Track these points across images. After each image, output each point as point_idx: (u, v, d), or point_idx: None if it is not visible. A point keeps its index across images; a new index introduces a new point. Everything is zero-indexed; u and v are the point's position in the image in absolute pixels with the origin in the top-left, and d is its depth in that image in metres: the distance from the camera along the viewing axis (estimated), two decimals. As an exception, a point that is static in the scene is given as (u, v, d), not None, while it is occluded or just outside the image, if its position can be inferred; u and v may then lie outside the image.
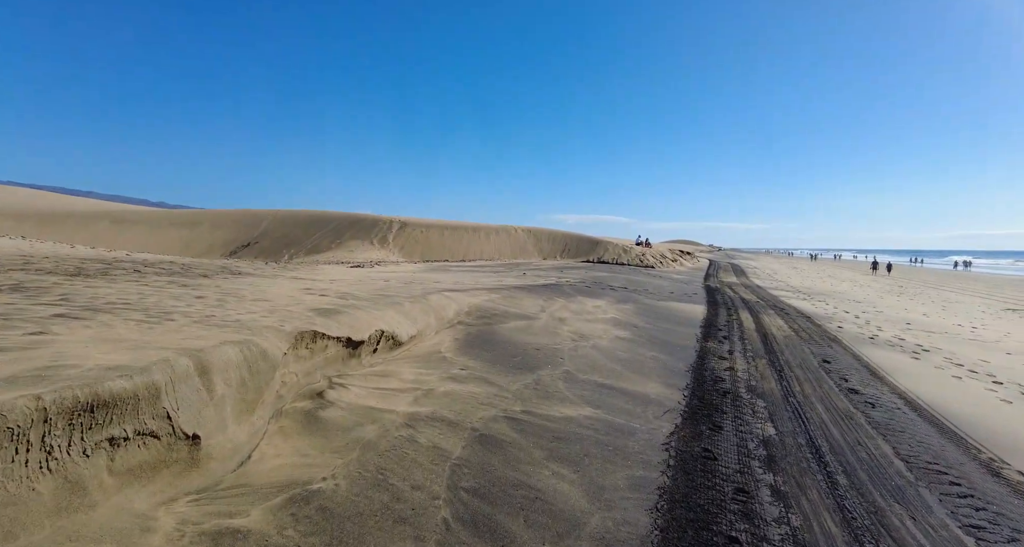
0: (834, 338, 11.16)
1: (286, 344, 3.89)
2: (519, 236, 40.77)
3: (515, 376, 5.70)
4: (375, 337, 5.35)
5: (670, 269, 32.74)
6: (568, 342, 7.72)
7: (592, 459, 3.89)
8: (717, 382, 6.77)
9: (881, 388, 7.29)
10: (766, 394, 6.47)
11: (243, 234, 43.12)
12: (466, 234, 40.02)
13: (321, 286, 8.46)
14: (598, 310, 10.92)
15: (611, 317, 10.38)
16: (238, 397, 3.08)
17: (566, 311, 10.19)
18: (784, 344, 9.95)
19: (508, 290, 11.32)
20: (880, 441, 5.11)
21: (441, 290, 9.62)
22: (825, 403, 6.30)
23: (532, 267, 25.00)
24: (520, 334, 7.70)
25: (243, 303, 5.23)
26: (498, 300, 9.80)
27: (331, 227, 41.40)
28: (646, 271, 28.28)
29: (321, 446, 3.39)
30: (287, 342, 3.91)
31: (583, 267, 26.83)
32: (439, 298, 8.55)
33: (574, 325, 9.04)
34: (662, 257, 35.13)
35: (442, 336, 7.02)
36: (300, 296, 6.53)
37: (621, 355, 7.48)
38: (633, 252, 34.06)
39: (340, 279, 11.41)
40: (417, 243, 38.61)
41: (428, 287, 10.27)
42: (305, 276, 11.47)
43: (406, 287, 9.86)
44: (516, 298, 10.41)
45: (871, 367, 8.62)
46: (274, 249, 40.63)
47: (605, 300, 12.31)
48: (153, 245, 41.19)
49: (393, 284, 10.57)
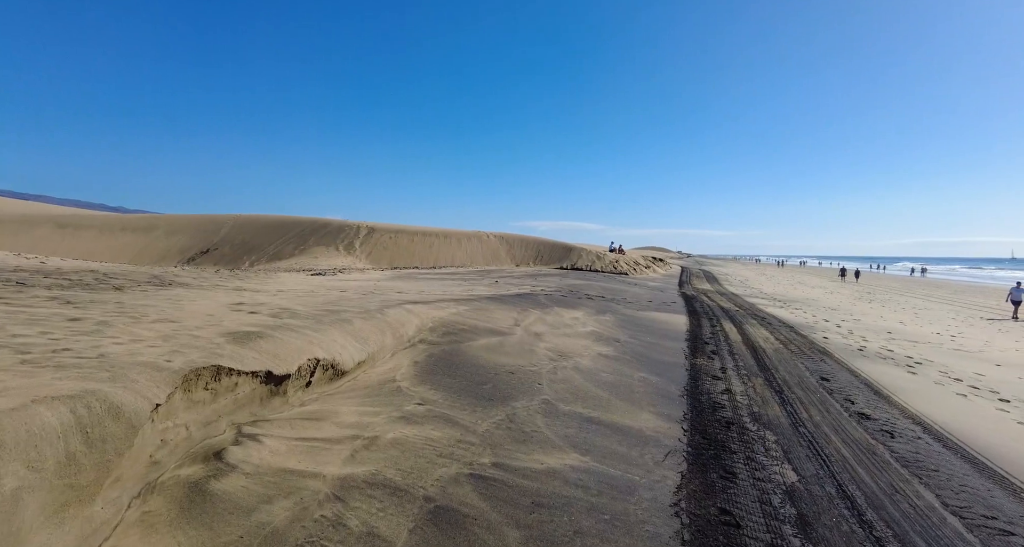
0: (824, 351, 10.49)
1: (167, 388, 2.80)
2: (491, 242, 39.77)
3: (484, 410, 4.70)
4: (308, 368, 4.27)
5: (644, 276, 32.22)
6: (546, 362, 6.75)
7: (586, 538, 2.91)
8: (716, 409, 5.89)
9: (891, 411, 6.54)
10: (773, 423, 5.62)
11: (202, 240, 40.96)
12: (437, 240, 38.82)
13: (260, 299, 7.29)
14: (577, 322, 9.99)
15: (591, 330, 9.46)
16: (58, 484, 2.01)
17: (542, 324, 9.23)
18: (776, 359, 9.20)
19: (479, 301, 10.31)
20: (918, 486, 4.29)
21: (403, 302, 8.54)
22: (840, 433, 5.49)
23: (505, 274, 24.02)
24: (491, 354, 6.70)
25: (135, 327, 4.09)
26: (467, 313, 8.78)
27: (295, 233, 39.66)
28: (620, 278, 27.62)
29: (200, 545, 2.32)
30: (169, 385, 2.83)
31: (557, 274, 25.99)
32: (399, 312, 7.48)
33: (552, 341, 8.08)
34: (635, 264, 34.62)
35: (399, 359, 5.96)
36: (222, 314, 5.38)
37: (606, 377, 6.54)
38: (607, 259, 33.44)
39: (291, 289, 10.21)
40: (386, 250, 37.21)
41: (389, 298, 9.18)
42: (251, 286, 10.23)
43: (363, 299, 8.74)
44: (487, 310, 9.41)
45: (872, 385, 7.91)
46: (234, 256, 38.66)
47: (583, 311, 11.41)
48: (102, 252, 38.73)
49: (350, 295, 9.44)
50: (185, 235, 41.16)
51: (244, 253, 38.79)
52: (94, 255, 38.09)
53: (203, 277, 11.85)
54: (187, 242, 40.64)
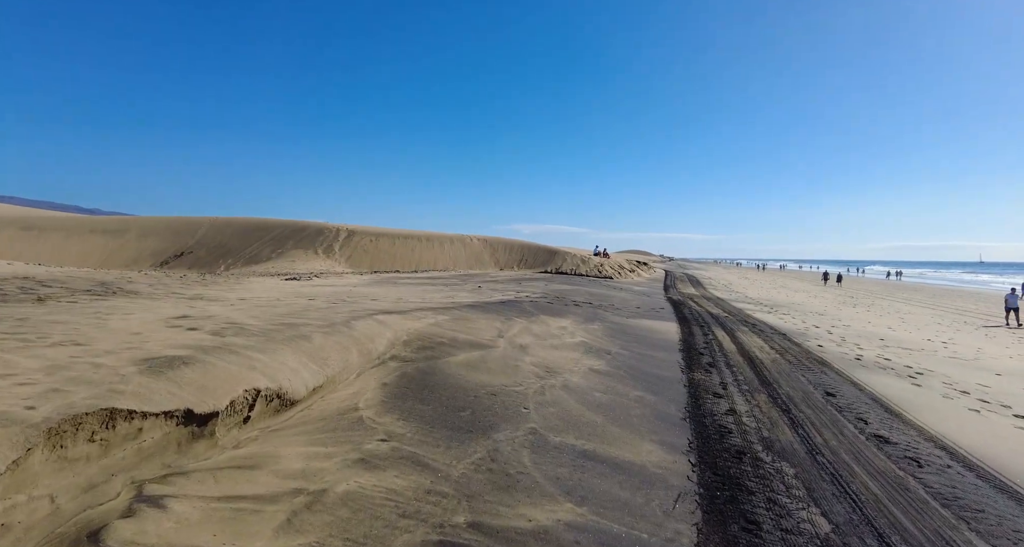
0: (822, 361, 9.94)
1: (15, 450, 2.03)
2: (475, 246, 39.00)
3: (462, 446, 3.96)
4: (246, 401, 3.49)
5: (628, 280, 31.73)
6: (533, 380, 6.03)
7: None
8: (724, 435, 5.23)
9: (908, 432, 5.95)
10: (787, 451, 4.97)
11: (176, 243, 39.50)
12: (419, 244, 37.92)
13: (211, 311, 6.46)
14: (564, 332, 9.30)
15: (580, 341, 8.77)
16: None
17: (528, 335, 8.51)
18: (775, 371, 8.60)
19: (460, 309, 9.55)
20: (968, 533, 3.66)
21: (375, 312, 7.76)
22: (862, 462, 4.86)
23: (488, 279, 23.27)
24: (471, 371, 5.96)
25: (20, 353, 3.28)
26: (446, 324, 8.03)
27: (272, 236, 38.43)
28: (605, 282, 27.06)
29: None
30: (18, 446, 2.05)
31: (542, 278, 25.32)
32: (369, 325, 6.70)
33: (538, 354, 7.36)
34: (620, 268, 34.14)
35: (366, 380, 5.19)
36: (152, 333, 4.56)
37: (600, 397, 5.84)
38: (591, 263, 32.90)
39: (255, 298, 9.35)
40: (366, 253, 36.21)
41: (360, 307, 8.39)
42: (213, 294, 9.35)
43: (331, 309, 7.93)
44: (469, 320, 8.66)
45: (880, 400, 7.34)
46: (209, 259, 37.32)
47: (571, 319, 10.71)
48: (70, 255, 37.12)
49: (318, 304, 8.63)
50: (158, 238, 39.66)
51: (220, 256, 37.47)
52: (61, 259, 36.43)
53: (162, 284, 10.91)
54: (161, 245, 39.16)
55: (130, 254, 38.03)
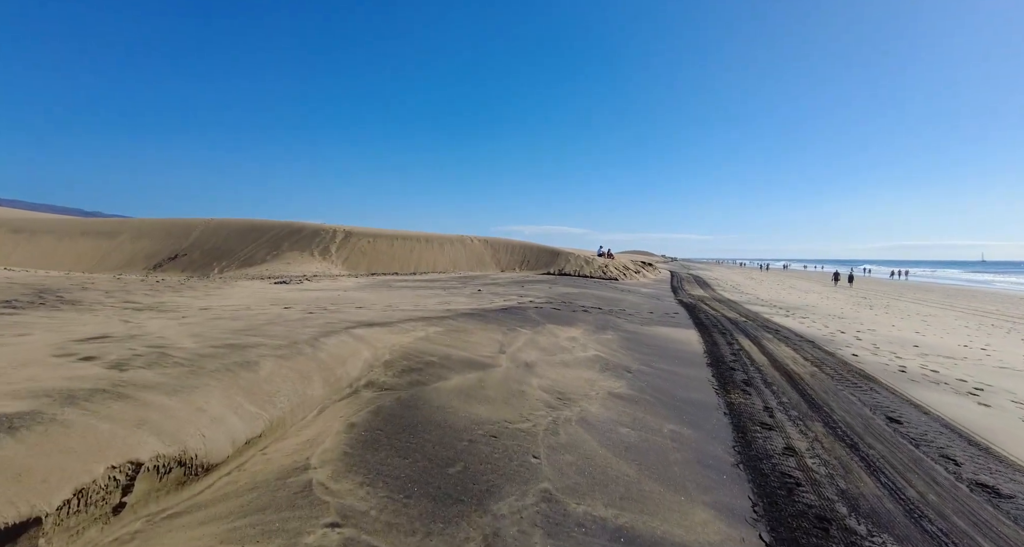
0: (864, 375, 8.71)
1: None
2: (476, 247, 37.80)
3: (447, 530, 2.76)
4: (112, 482, 2.28)
5: (634, 281, 30.50)
6: (543, 412, 4.81)
7: None
8: (792, 490, 4.00)
9: (1016, 477, 4.73)
10: (880, 514, 3.74)
11: (170, 245, 38.34)
12: (418, 245, 36.72)
13: (148, 328, 5.24)
14: (575, 344, 8.08)
15: (594, 355, 7.55)
16: None
17: (534, 349, 7.29)
18: (819, 389, 7.37)
19: (456, 318, 8.35)
20: None
21: (354, 325, 6.55)
22: (986, 532, 3.64)
23: (489, 281, 22.06)
24: (466, 402, 4.75)
25: None
26: (439, 337, 6.82)
27: (268, 237, 37.27)
28: (611, 284, 25.83)
29: None
30: None
31: (545, 281, 24.10)
32: (342, 342, 5.49)
33: (548, 374, 6.14)
34: (625, 269, 32.91)
35: (328, 419, 3.98)
36: (21, 367, 3.34)
37: (627, 435, 4.62)
38: (595, 264, 31.67)
39: (224, 306, 8.15)
40: (363, 255, 35.02)
41: (340, 318, 7.18)
42: (176, 303, 8.15)
43: (303, 320, 6.72)
44: (465, 331, 7.46)
45: (954, 427, 6.10)
46: (204, 262, 36.18)
47: (581, 328, 9.50)
48: (61, 258, 35.98)
49: (291, 314, 7.42)
50: (152, 240, 38.52)
51: (214, 259, 36.34)
52: (52, 262, 35.31)
53: (124, 291, 9.71)
54: (154, 247, 38.02)
55: (123, 257, 36.89)
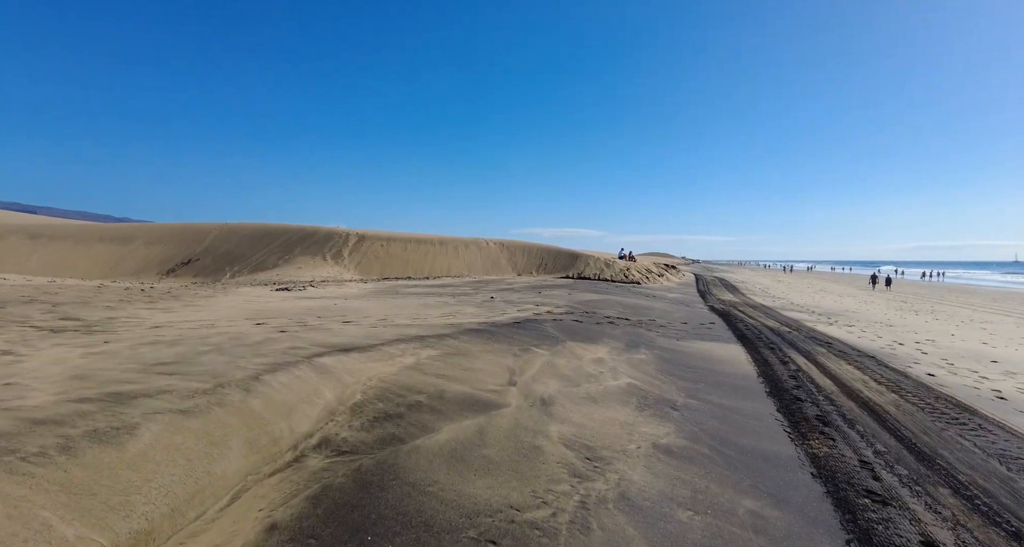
0: (956, 403, 7.02)
1: None
2: (491, 250, 36.40)
3: None
4: None
5: (658, 285, 28.76)
6: (566, 488, 3.34)
7: None
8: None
9: None
10: None
11: (184, 250, 37.75)
12: (432, 248, 35.47)
13: (30, 365, 3.89)
14: (603, 369, 6.57)
15: (627, 384, 6.04)
16: None
17: (552, 377, 5.81)
18: (916, 429, 5.73)
19: (458, 337, 6.90)
20: None
21: (322, 351, 5.14)
22: None
23: (504, 286, 20.61)
24: (457, 474, 3.30)
25: None
26: (433, 364, 5.39)
27: (280, 242, 36.41)
28: (634, 289, 24.18)
29: None
30: None
31: (563, 285, 22.56)
32: (297, 379, 4.08)
33: (571, 416, 4.66)
34: (648, 272, 31.17)
35: (233, 521, 2.56)
36: None
37: (690, 526, 3.12)
38: (616, 267, 30.00)
39: (186, 322, 6.83)
40: (376, 259, 33.89)
41: (311, 341, 5.78)
42: (138, 316, 6.87)
43: (260, 344, 5.33)
44: (467, 354, 6.01)
45: None
46: (216, 267, 35.47)
47: (608, 346, 7.97)
48: (76, 264, 35.59)
49: (257, 333, 6.06)
50: (166, 245, 37.97)
51: (227, 264, 35.61)
52: (68, 268, 34.93)
53: (81, 302, 8.48)
54: (168, 252, 37.46)
55: (137, 262, 36.38)
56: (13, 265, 34.79)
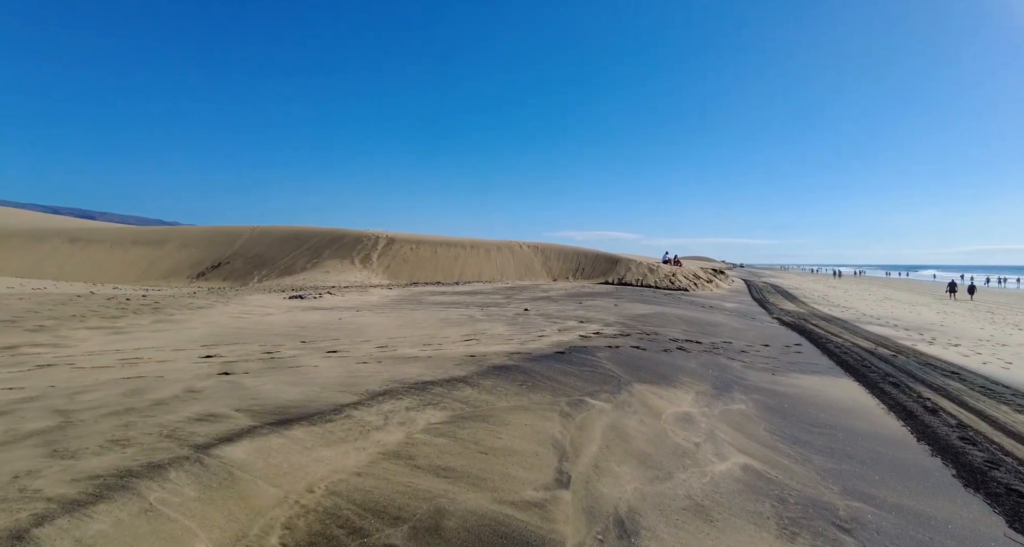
0: None
1: None
2: (524, 254, 34.23)
3: None
4: None
5: (708, 293, 25.96)
6: None
7: None
8: None
9: None
10: None
11: (214, 253, 37.05)
12: (463, 251, 33.56)
13: None
14: (696, 436, 4.29)
15: (741, 467, 3.76)
16: None
17: (624, 460, 3.57)
18: None
19: (478, 382, 4.74)
20: None
21: (247, 428, 3.04)
22: None
23: (539, 294, 18.39)
24: None
25: None
26: (432, 440, 3.26)
27: (310, 245, 35.22)
28: (685, 297, 21.56)
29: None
30: None
31: (605, 293, 20.17)
32: (147, 512, 2.02)
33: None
34: (695, 277, 28.38)
35: None
36: None
37: None
38: (661, 272, 27.35)
39: (88, 355, 4.91)
40: (405, 262, 32.21)
41: (249, 398, 3.73)
42: (71, 340, 5.02)
43: (130, 422, 3.28)
44: (490, 418, 3.84)
45: None
46: (245, 270, 34.55)
47: (690, 389, 5.66)
48: (111, 267, 35.25)
49: (179, 378, 4.06)
50: (198, 248, 37.36)
51: (256, 267, 34.63)
52: (102, 271, 34.65)
53: (16, 322, 6.72)
54: (199, 255, 36.81)
55: (169, 265, 35.84)
56: (53, 267, 34.73)
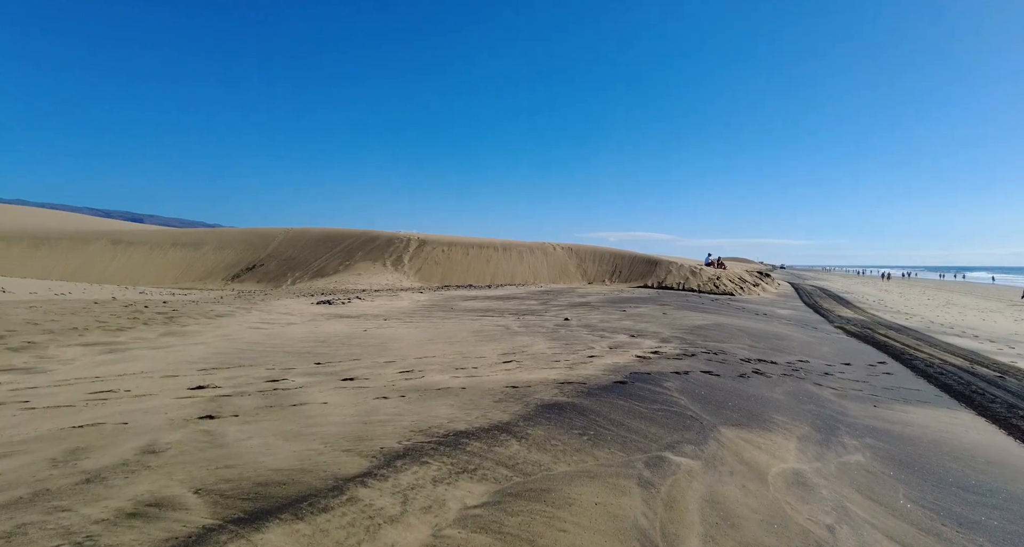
0: None
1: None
2: (558, 256, 33.05)
3: None
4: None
5: (756, 297, 24.25)
6: None
7: None
8: None
9: None
10: None
11: (249, 255, 37.20)
12: (495, 253, 32.63)
13: None
14: (814, 511, 3.11)
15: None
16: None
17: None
18: None
19: (525, 432, 3.67)
20: None
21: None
22: None
23: (577, 299, 17.23)
24: None
25: None
26: (471, 539, 2.29)
27: (342, 247, 34.93)
28: (732, 303, 20.03)
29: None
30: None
31: (647, 298, 18.85)
32: None
33: None
34: (741, 281, 26.65)
35: None
36: None
37: None
38: (704, 275, 25.75)
39: (52, 387, 4.09)
40: (437, 265, 31.49)
41: (213, 469, 2.80)
42: (71, 355, 4.24)
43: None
44: (546, 496, 2.75)
45: None
46: (279, 272, 34.51)
47: (789, 435, 4.44)
48: (150, 269, 35.76)
49: (143, 431, 3.17)
50: (233, 250, 37.60)
51: (289, 269, 34.54)
52: (142, 273, 35.21)
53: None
54: (235, 258, 37.02)
55: (205, 267, 36.14)
56: (98, 269, 35.48)
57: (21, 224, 43.73)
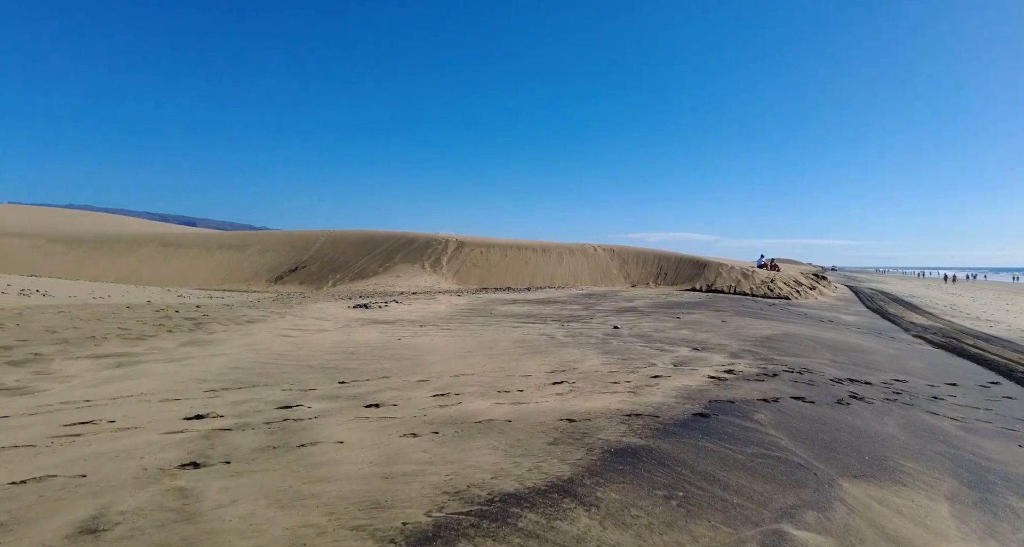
0: None
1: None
2: (600, 257, 31.89)
3: None
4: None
5: (814, 302, 22.49)
6: None
7: None
8: None
9: None
10: None
11: (292, 257, 37.67)
12: (534, 255, 31.77)
13: None
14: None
15: None
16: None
17: None
18: None
19: (592, 499, 2.80)
20: None
21: None
22: None
23: (622, 303, 16.17)
24: None
25: None
26: None
27: (382, 249, 34.86)
28: (790, 308, 18.47)
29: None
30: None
31: (698, 303, 17.57)
32: None
33: None
34: (796, 284, 24.85)
35: None
36: None
37: None
38: (757, 278, 24.13)
39: (38, 411, 3.47)
40: (475, 266, 30.89)
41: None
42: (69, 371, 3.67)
43: None
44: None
45: None
46: (321, 274, 34.75)
47: (936, 494, 3.36)
48: (197, 271, 36.65)
49: (122, 480, 2.50)
50: (277, 253, 38.17)
51: (330, 271, 34.72)
52: (190, 275, 36.15)
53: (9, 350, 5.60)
54: (278, 260, 37.55)
55: (250, 269, 36.78)
56: (150, 271, 36.64)
57: (84, 228, 45.79)
